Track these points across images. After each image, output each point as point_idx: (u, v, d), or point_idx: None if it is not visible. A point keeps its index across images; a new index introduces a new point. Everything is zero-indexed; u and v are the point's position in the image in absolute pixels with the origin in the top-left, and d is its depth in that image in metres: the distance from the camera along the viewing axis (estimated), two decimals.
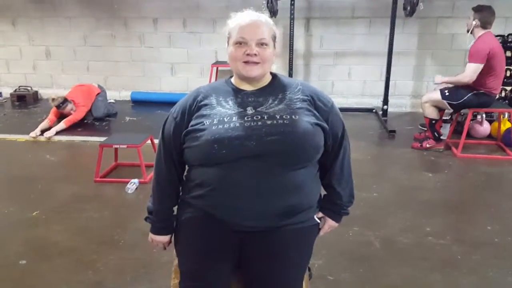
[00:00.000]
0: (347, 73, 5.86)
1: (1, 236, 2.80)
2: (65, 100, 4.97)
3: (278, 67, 5.50)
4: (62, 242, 2.71)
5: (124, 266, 2.46)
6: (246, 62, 1.45)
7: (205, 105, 1.47)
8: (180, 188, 1.61)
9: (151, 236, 1.63)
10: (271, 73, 1.56)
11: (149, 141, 3.85)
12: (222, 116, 1.43)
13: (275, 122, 1.41)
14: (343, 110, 1.59)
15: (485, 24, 3.98)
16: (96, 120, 5.27)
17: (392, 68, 5.24)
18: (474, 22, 3.99)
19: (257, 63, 1.45)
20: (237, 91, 1.51)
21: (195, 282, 1.47)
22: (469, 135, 4.47)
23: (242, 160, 1.39)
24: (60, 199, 3.32)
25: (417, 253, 2.58)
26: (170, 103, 1.63)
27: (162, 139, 1.55)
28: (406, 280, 2.33)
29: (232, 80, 1.56)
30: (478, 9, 4.01)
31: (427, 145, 4.31)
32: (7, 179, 3.74)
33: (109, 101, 5.66)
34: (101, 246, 2.66)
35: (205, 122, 1.43)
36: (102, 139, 4.00)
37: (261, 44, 1.45)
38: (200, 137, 1.42)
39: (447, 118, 4.65)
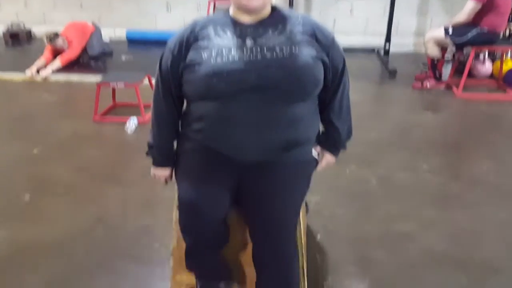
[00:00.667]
0: (349, 10, 5.68)
1: (4, 172, 2.85)
2: (56, 34, 4.87)
3: (277, 2, 5.31)
4: (65, 179, 2.76)
5: (126, 202, 2.52)
6: None
7: (203, 36, 1.43)
8: (179, 122, 1.60)
9: (153, 170, 1.65)
10: (271, 5, 1.50)
11: (146, 81, 3.80)
12: (221, 48, 1.39)
13: (274, 54, 1.37)
14: (344, 50, 1.54)
15: None
16: (92, 59, 5.17)
17: (396, 4, 5.08)
18: None
19: None
20: (235, 23, 1.46)
21: (192, 213, 1.50)
22: (470, 75, 4.42)
23: (241, 94, 1.37)
24: (60, 137, 3.33)
25: (413, 190, 2.64)
26: (166, 42, 1.58)
27: (159, 73, 1.52)
28: (400, 215, 2.40)
29: (231, 12, 1.50)
30: None
31: (428, 85, 4.27)
32: (6, 118, 3.73)
33: (104, 40, 5.52)
34: (103, 182, 2.71)
35: (203, 54, 1.39)
36: (99, 78, 3.94)
37: None
38: (198, 70, 1.39)
39: (449, 57, 4.56)
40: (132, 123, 3.49)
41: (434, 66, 4.25)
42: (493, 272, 1.97)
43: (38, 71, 4.70)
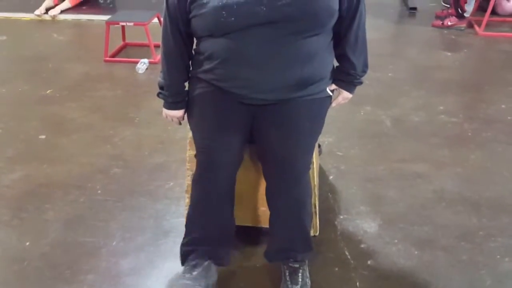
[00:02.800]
0: None
1: (18, 113, 2.87)
2: None
3: None
4: (78, 119, 2.78)
5: (140, 141, 2.54)
6: None
7: None
8: (190, 62, 1.56)
9: (165, 111, 1.63)
10: None
11: (156, 20, 3.72)
12: None
13: None
14: None
15: None
16: None
17: None
18: None
19: None
20: None
21: (207, 157, 1.51)
22: (494, 12, 4.21)
23: (252, 28, 1.31)
24: (71, 78, 3.32)
25: (428, 131, 2.61)
26: None
27: (167, 10, 1.46)
28: (414, 155, 2.38)
29: None
30: None
31: (449, 23, 4.10)
32: (16, 58, 3.71)
33: None
34: (117, 123, 2.73)
35: None
36: (108, 17, 3.86)
37: None
38: (207, 3, 1.33)
39: None
40: (143, 63, 3.46)
41: (457, 2, 4.04)
42: (504, 211, 1.98)
43: (47, 11, 4.62)
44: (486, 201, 2.04)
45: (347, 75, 1.54)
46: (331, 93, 1.54)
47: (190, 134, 1.68)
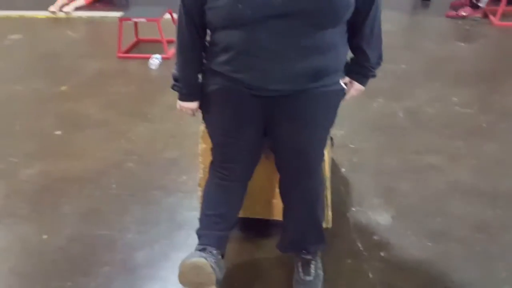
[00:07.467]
0: None
1: (33, 109, 2.92)
2: None
3: None
4: (93, 115, 2.82)
5: (154, 136, 2.57)
6: None
7: None
8: (204, 54, 1.57)
9: (179, 103, 1.63)
10: None
11: (168, 16, 3.74)
12: None
13: None
14: None
15: None
16: None
17: None
18: None
19: None
20: None
21: (224, 153, 1.54)
22: (510, 2, 4.13)
23: (268, 20, 1.31)
24: (86, 74, 3.37)
25: (442, 122, 2.58)
26: None
27: (182, 1, 1.47)
28: (427, 147, 2.36)
29: None
30: None
31: (463, 13, 4.04)
32: (31, 55, 3.77)
33: None
34: (130, 118, 2.76)
35: None
36: (121, 13, 3.89)
37: None
38: None
39: None
40: (155, 59, 3.48)
41: None
42: None
43: (61, 8, 4.68)
44: (501, 193, 2.02)
45: (361, 67, 1.54)
46: (344, 86, 1.54)
47: (202, 127, 1.69)
